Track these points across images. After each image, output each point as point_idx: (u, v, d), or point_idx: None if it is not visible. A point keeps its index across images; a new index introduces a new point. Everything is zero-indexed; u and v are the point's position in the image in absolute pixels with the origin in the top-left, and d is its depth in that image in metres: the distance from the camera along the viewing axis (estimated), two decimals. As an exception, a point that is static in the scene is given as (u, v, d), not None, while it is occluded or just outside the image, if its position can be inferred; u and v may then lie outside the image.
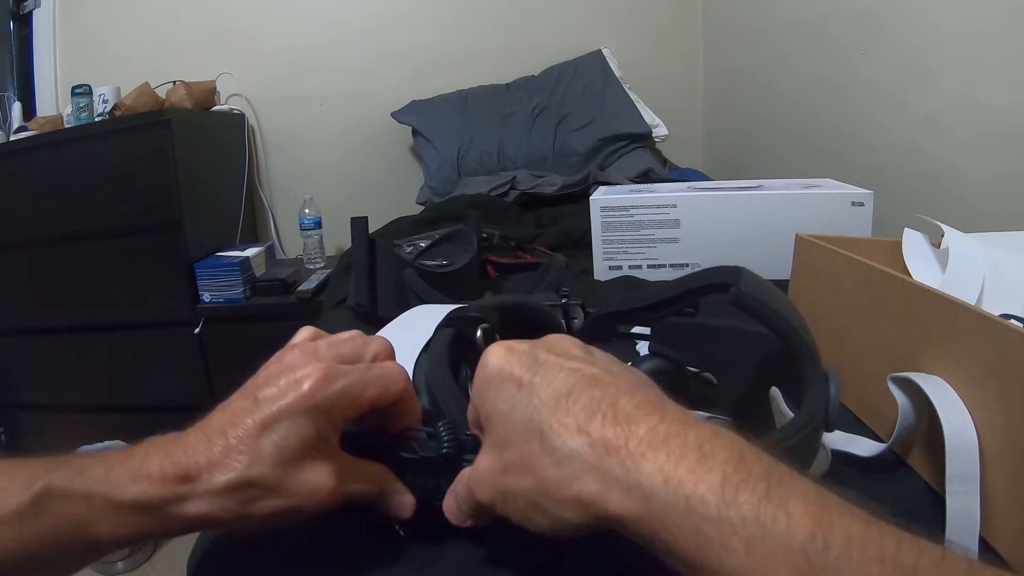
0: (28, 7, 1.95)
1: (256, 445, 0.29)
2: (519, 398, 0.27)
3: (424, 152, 1.89)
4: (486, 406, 0.29)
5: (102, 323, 1.66)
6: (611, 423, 0.24)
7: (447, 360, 0.37)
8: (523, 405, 0.27)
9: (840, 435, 0.43)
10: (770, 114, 1.69)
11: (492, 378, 0.29)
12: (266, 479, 0.29)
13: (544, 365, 0.28)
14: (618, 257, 0.92)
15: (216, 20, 1.97)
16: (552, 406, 0.26)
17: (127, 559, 1.45)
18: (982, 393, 0.36)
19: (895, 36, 1.17)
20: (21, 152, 1.64)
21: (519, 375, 0.28)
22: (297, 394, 0.30)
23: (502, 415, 0.27)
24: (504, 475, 0.27)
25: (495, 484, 0.28)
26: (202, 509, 0.29)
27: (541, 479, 0.25)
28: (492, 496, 0.28)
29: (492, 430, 0.28)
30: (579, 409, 0.25)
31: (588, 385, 0.26)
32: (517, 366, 0.28)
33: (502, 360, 0.29)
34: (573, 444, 0.24)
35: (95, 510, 0.29)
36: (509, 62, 2.00)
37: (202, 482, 0.29)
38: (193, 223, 1.61)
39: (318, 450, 0.31)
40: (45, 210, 1.61)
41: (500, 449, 0.28)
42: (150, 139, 1.55)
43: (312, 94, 2.03)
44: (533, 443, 0.26)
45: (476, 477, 0.29)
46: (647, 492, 0.22)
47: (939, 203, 1.07)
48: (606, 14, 2.04)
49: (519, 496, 0.27)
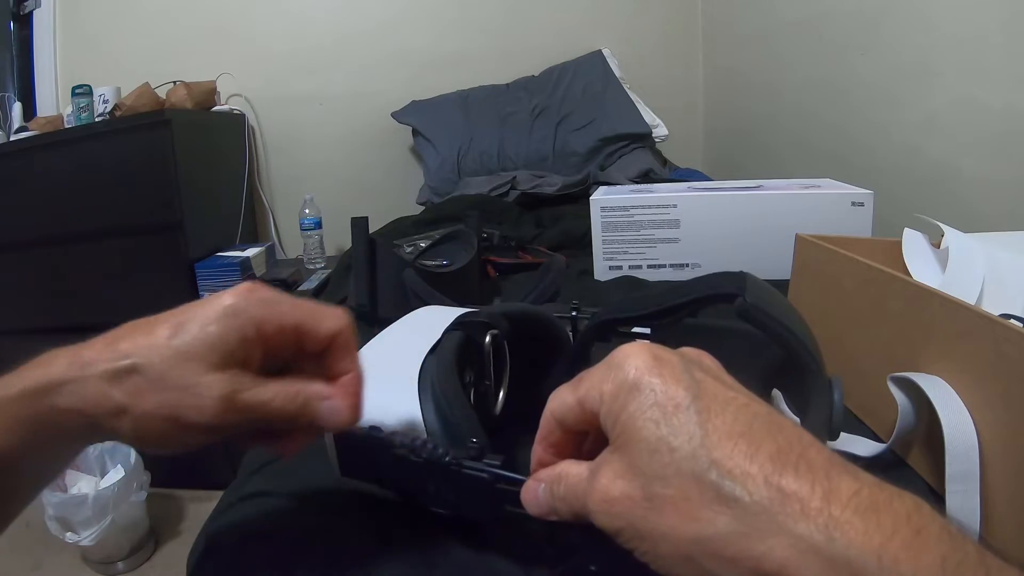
0: (29, 7, 1.95)
1: (156, 341, 0.28)
2: (679, 425, 0.23)
3: (424, 152, 1.89)
4: (623, 418, 0.24)
5: (102, 323, 1.64)
6: (807, 479, 0.20)
7: (455, 364, 0.37)
8: (685, 435, 0.22)
9: (841, 435, 0.43)
10: (770, 114, 1.69)
11: (635, 387, 0.24)
12: (153, 368, 0.28)
13: (705, 389, 0.24)
14: (618, 257, 0.92)
15: (216, 20, 1.97)
16: (729, 447, 0.22)
17: (127, 559, 1.45)
18: (982, 393, 0.36)
19: (895, 37, 1.17)
20: (21, 152, 1.64)
21: (675, 395, 0.23)
22: (215, 303, 0.29)
23: (653, 439, 0.23)
24: (648, 510, 0.23)
25: (630, 516, 0.23)
26: (85, 392, 0.28)
27: (708, 532, 0.21)
28: (620, 526, 0.24)
29: (631, 450, 0.24)
30: (765, 457, 0.21)
31: (769, 428, 0.22)
32: (672, 382, 0.24)
33: (649, 369, 0.24)
34: (760, 497, 0.20)
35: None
36: (509, 62, 2.00)
37: (94, 366, 0.28)
38: (193, 223, 1.61)
39: (220, 355, 0.28)
40: (45, 210, 1.61)
41: (645, 478, 0.23)
42: (150, 139, 1.55)
43: (312, 94, 2.03)
44: (702, 486, 0.21)
45: (601, 497, 0.24)
46: (856, 568, 0.19)
47: (939, 203, 1.07)
48: (606, 14, 2.04)
49: (665, 541, 0.22)
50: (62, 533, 1.31)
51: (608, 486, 0.24)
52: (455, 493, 0.33)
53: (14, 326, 1.74)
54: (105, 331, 0.31)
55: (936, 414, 0.37)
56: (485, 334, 0.40)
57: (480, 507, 0.32)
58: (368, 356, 0.41)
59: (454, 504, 0.34)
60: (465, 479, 0.32)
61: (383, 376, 0.38)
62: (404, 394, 0.37)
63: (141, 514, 1.48)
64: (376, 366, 0.40)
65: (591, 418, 0.26)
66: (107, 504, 1.33)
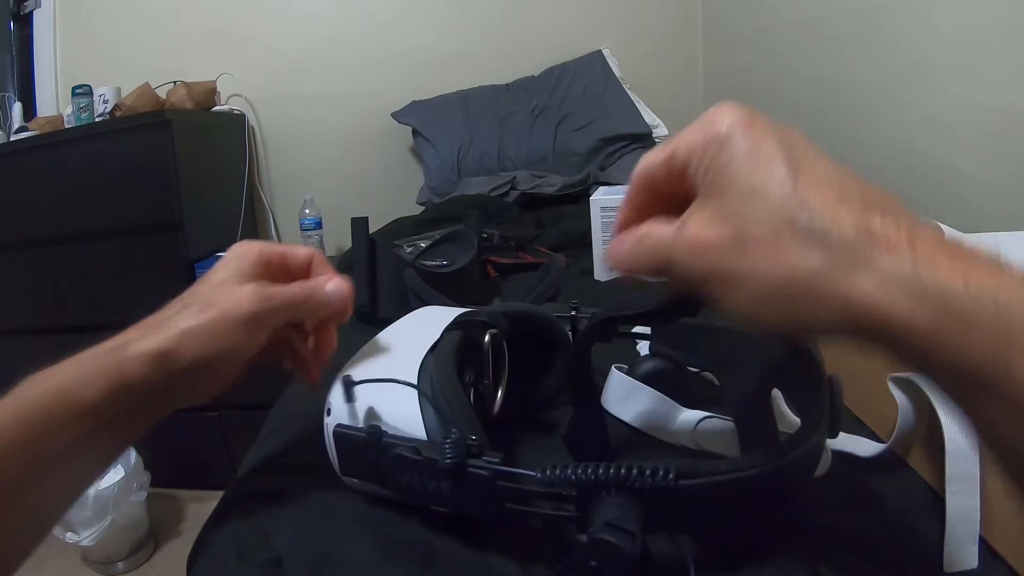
0: (29, 7, 1.95)
1: (197, 287, 0.37)
2: (772, 173, 0.23)
3: (424, 152, 1.89)
4: (715, 166, 0.24)
5: (102, 323, 1.65)
6: (893, 223, 0.21)
7: (455, 363, 0.37)
8: (778, 182, 0.23)
9: (841, 436, 0.43)
10: (771, 114, 1.64)
11: (728, 138, 0.24)
12: (202, 297, 0.36)
13: (796, 145, 0.24)
14: (618, 257, 0.91)
15: (216, 20, 1.97)
16: (821, 194, 0.22)
17: (127, 559, 1.45)
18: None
19: (895, 37, 1.17)
20: (22, 152, 1.64)
21: (768, 147, 0.24)
22: (226, 253, 0.39)
23: (746, 185, 0.23)
24: (740, 251, 0.23)
25: (720, 257, 0.23)
26: (157, 333, 0.34)
27: (799, 268, 0.21)
28: (708, 272, 0.24)
29: (723, 196, 0.24)
30: (854, 203, 0.22)
31: (858, 183, 0.23)
32: (766, 136, 0.24)
33: (742, 121, 0.24)
34: (851, 234, 0.21)
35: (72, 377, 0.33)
36: (509, 62, 2.00)
37: (160, 315, 0.36)
38: (193, 223, 1.61)
39: (245, 276, 0.37)
40: (45, 210, 1.61)
41: (738, 221, 0.23)
42: (150, 139, 1.55)
43: (312, 94, 2.03)
44: (794, 227, 0.22)
45: (690, 242, 0.25)
46: (943, 293, 0.19)
47: (939, 203, 1.07)
48: (606, 15, 2.04)
49: (756, 282, 0.23)
50: (62, 533, 1.31)
51: (699, 231, 0.24)
52: (455, 491, 0.33)
53: (14, 326, 1.74)
54: (105, 331, 0.35)
55: (936, 414, 0.37)
56: (485, 333, 0.40)
57: (480, 505, 0.32)
58: (368, 355, 0.41)
59: (454, 502, 0.34)
60: (465, 477, 0.32)
61: (383, 375, 0.38)
62: (404, 393, 0.37)
63: (141, 514, 1.48)
64: (376, 365, 0.40)
65: (680, 174, 0.26)
66: (107, 504, 1.33)
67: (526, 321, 0.45)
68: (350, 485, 0.40)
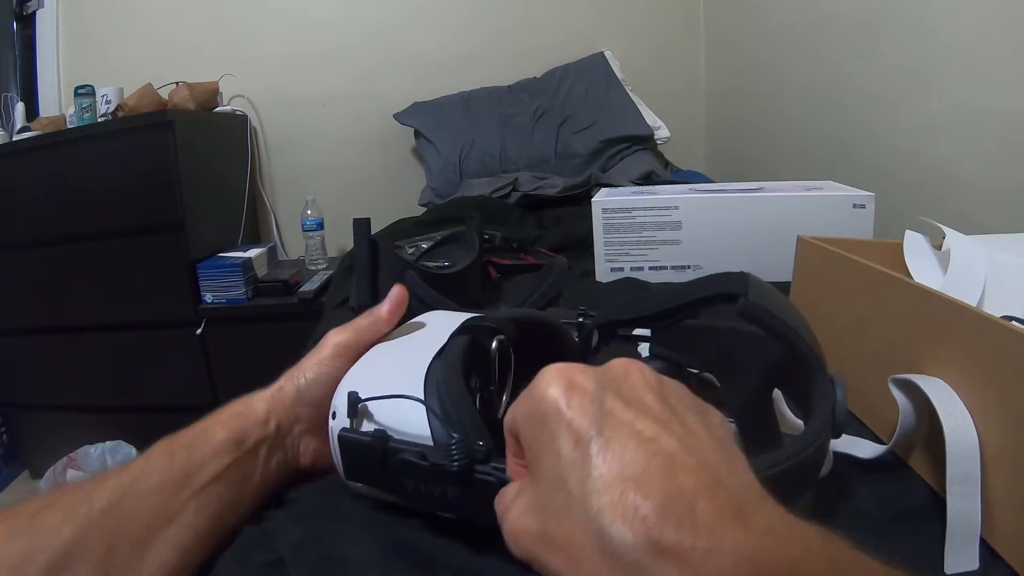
0: (31, 8, 1.95)
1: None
2: (573, 460, 0.23)
3: (426, 154, 1.89)
4: (534, 446, 0.25)
5: (104, 323, 1.67)
6: (689, 532, 0.20)
7: (461, 368, 0.37)
8: (578, 473, 0.22)
9: (842, 437, 0.43)
10: (772, 117, 1.69)
11: (545, 416, 0.25)
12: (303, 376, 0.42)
13: (611, 421, 0.23)
14: (620, 259, 0.92)
15: (219, 21, 1.98)
16: (617, 492, 0.21)
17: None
18: (983, 395, 0.36)
19: (894, 40, 1.17)
20: (24, 152, 1.64)
21: (578, 427, 0.23)
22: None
23: (553, 476, 0.24)
24: (544, 546, 0.23)
25: (533, 550, 0.24)
26: (280, 416, 0.41)
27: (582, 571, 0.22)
28: (527, 558, 0.25)
29: (537, 484, 0.25)
30: (651, 507, 0.20)
31: (664, 473, 0.21)
32: (578, 412, 0.24)
33: (559, 398, 0.25)
34: (641, 547, 0.20)
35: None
36: (511, 64, 2.00)
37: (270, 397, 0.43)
38: (195, 224, 1.61)
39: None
40: (47, 210, 1.61)
41: (545, 515, 0.24)
42: (153, 140, 1.55)
43: (315, 95, 2.04)
44: (587, 533, 0.21)
45: (510, 529, 0.26)
46: None
47: (940, 205, 1.07)
48: (608, 17, 2.04)
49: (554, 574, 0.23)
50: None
51: (516, 519, 0.26)
52: (461, 497, 0.33)
53: (15, 326, 1.74)
54: (106, 331, 0.38)
55: (937, 416, 0.37)
56: (492, 339, 0.40)
57: (487, 511, 0.32)
58: (373, 361, 0.41)
59: (460, 508, 0.34)
60: (472, 483, 0.32)
61: (388, 379, 0.38)
62: (410, 398, 0.37)
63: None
64: (381, 369, 0.40)
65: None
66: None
67: (533, 326, 0.44)
68: (355, 489, 0.40)
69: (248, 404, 0.41)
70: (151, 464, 0.37)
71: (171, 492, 0.36)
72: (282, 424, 0.41)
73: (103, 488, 0.34)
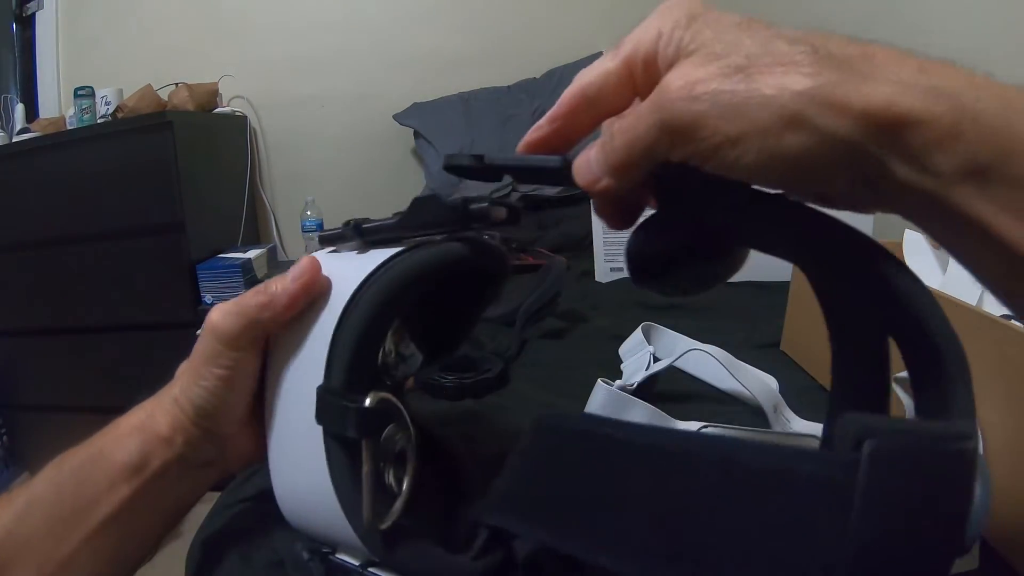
0: (31, 9, 1.96)
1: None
2: (754, 23, 0.22)
3: (426, 154, 1.89)
4: (686, 38, 0.22)
5: (104, 324, 1.66)
6: (882, 47, 0.21)
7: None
8: (762, 26, 0.22)
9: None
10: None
11: (693, 17, 0.23)
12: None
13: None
14: (619, 259, 0.92)
15: (218, 22, 1.98)
16: (809, 34, 0.22)
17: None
18: (984, 394, 0.36)
19: (890, 41, 1.17)
20: (24, 154, 1.64)
21: (735, 15, 0.23)
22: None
23: (736, 28, 0.22)
24: (745, 77, 0.21)
25: (719, 91, 0.21)
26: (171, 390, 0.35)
27: (815, 81, 0.20)
28: (707, 109, 0.21)
29: (711, 44, 0.22)
30: (842, 39, 0.22)
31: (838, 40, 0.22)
32: (727, 13, 0.23)
33: (700, 5, 0.23)
34: (854, 52, 0.21)
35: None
36: (510, 65, 2.00)
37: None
38: (195, 225, 1.61)
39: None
40: (47, 211, 1.62)
41: (732, 56, 0.21)
42: (152, 141, 1.55)
43: (314, 96, 2.04)
44: (797, 50, 0.21)
45: (684, 83, 0.21)
46: (956, 95, 0.19)
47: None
48: (607, 17, 2.04)
49: (764, 106, 0.20)
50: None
51: (690, 71, 0.22)
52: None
53: (15, 326, 1.74)
54: (106, 332, 0.35)
55: (937, 415, 0.37)
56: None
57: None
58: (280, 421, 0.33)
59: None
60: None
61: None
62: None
63: (142, 515, 1.47)
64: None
65: (641, 70, 0.24)
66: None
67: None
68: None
69: (151, 416, 0.34)
70: (35, 499, 0.31)
71: (60, 534, 0.30)
72: (191, 440, 0.33)
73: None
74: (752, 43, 0.21)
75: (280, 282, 0.31)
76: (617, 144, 0.24)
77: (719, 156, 0.21)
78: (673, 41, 0.22)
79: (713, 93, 0.21)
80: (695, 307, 0.77)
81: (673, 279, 0.29)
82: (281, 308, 0.31)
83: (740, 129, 0.21)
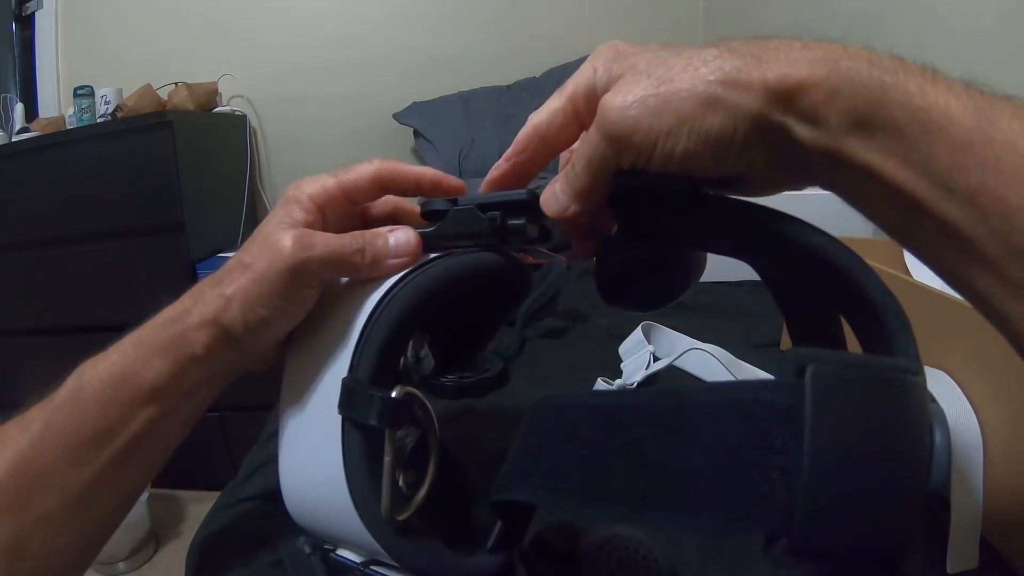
0: (31, 8, 1.95)
1: (250, 242, 0.33)
2: (671, 48, 0.26)
3: (425, 154, 1.89)
4: (623, 65, 0.26)
5: (104, 324, 1.66)
6: (779, 39, 0.25)
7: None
8: (678, 48, 0.26)
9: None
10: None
11: (620, 54, 0.27)
12: (243, 255, 0.32)
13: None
14: (619, 258, 0.91)
15: (218, 22, 1.98)
16: (715, 41, 0.26)
17: (128, 559, 1.45)
18: (985, 392, 0.36)
19: (893, 40, 1.16)
20: (23, 153, 1.64)
21: (663, 50, 0.26)
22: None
23: (656, 56, 0.26)
24: (665, 82, 0.24)
25: (648, 99, 0.24)
26: (204, 303, 0.32)
27: (726, 67, 0.24)
28: (636, 115, 0.24)
29: (637, 68, 0.26)
30: (741, 38, 0.26)
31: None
32: (655, 48, 0.27)
33: (630, 45, 0.28)
34: (752, 45, 0.24)
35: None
36: (510, 64, 2.00)
37: (203, 283, 0.33)
38: (195, 224, 1.61)
39: (296, 223, 0.32)
40: (47, 211, 1.61)
41: (656, 70, 0.25)
42: (152, 140, 1.55)
43: (314, 95, 2.04)
44: (707, 55, 0.24)
45: (619, 103, 0.25)
46: (830, 59, 0.23)
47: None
48: (607, 17, 2.04)
49: (687, 98, 0.24)
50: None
51: (622, 88, 0.25)
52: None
53: (14, 326, 1.74)
54: (106, 332, 0.33)
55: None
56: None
57: None
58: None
59: None
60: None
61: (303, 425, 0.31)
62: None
63: (142, 514, 1.48)
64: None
65: (582, 107, 0.28)
66: (108, 505, 1.33)
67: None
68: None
69: (186, 331, 0.31)
70: (54, 422, 0.31)
71: (81, 459, 0.30)
72: (227, 359, 0.32)
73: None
74: (672, 59, 0.25)
75: (380, 238, 0.32)
76: (579, 169, 0.27)
77: (658, 150, 0.25)
78: (606, 72, 0.26)
79: (642, 99, 0.24)
80: (695, 306, 0.77)
81: (637, 294, 0.33)
82: (368, 269, 0.31)
83: (669, 123, 0.24)
